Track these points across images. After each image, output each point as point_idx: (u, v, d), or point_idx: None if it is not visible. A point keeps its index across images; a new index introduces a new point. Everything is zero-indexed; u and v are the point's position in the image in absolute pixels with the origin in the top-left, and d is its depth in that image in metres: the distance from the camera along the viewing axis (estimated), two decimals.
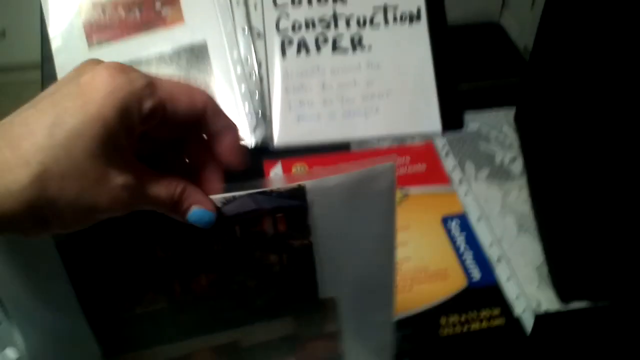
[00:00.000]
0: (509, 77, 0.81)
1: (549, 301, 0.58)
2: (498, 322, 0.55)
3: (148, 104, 0.27)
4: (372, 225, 0.35)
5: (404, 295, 0.57)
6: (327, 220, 0.34)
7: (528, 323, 0.55)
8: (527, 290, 0.58)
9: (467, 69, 0.80)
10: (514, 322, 0.55)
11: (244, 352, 0.37)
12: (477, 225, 0.63)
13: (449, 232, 0.63)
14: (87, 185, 0.25)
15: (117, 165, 0.26)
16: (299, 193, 0.32)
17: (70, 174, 0.24)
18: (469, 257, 0.60)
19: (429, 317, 0.55)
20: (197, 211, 0.30)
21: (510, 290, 0.58)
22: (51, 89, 0.26)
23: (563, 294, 0.58)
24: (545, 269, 0.60)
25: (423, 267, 0.59)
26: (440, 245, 0.61)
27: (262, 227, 0.33)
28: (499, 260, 0.60)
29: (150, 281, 0.34)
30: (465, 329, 0.55)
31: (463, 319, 0.55)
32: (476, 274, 0.59)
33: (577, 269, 0.58)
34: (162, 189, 0.28)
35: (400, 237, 0.62)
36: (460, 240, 0.62)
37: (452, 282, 0.58)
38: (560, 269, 0.59)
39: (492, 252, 0.61)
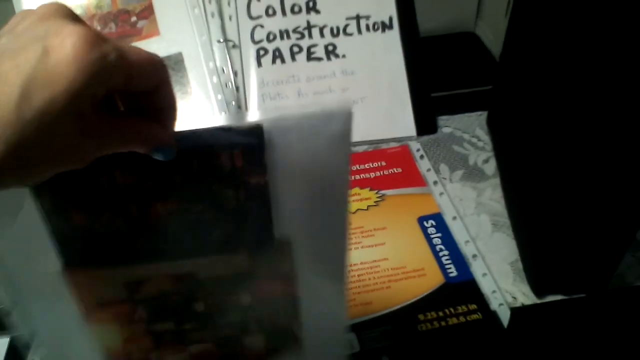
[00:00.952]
0: (484, 84, 0.84)
1: (524, 296, 0.59)
2: (475, 316, 0.56)
3: (117, 79, 0.26)
4: (327, 169, 0.35)
5: (382, 293, 0.58)
6: (284, 159, 0.34)
7: (504, 317, 0.56)
8: (503, 285, 0.59)
9: (443, 77, 0.83)
10: (491, 317, 0.56)
11: (200, 283, 0.38)
12: (453, 224, 0.65)
13: (425, 231, 0.64)
14: (56, 153, 0.26)
15: (85, 132, 0.26)
16: (256, 131, 0.33)
17: (40, 145, 0.25)
18: (445, 255, 0.61)
19: (408, 314, 0.56)
20: (159, 148, 0.30)
21: (486, 285, 0.59)
22: (11, 41, 0.25)
23: (537, 288, 0.59)
24: (519, 265, 0.61)
25: (401, 266, 0.60)
26: (417, 245, 0.62)
27: (219, 161, 0.34)
28: (474, 257, 0.62)
29: (108, 202, 0.34)
30: (443, 324, 0.55)
31: (441, 314, 0.56)
32: (453, 271, 0.60)
33: (550, 264, 0.59)
34: (127, 137, 0.29)
35: (378, 237, 0.63)
36: (437, 239, 0.63)
37: (430, 280, 0.59)
38: (534, 265, 0.60)
39: (467, 250, 0.62)
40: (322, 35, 0.75)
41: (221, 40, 0.72)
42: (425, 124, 0.75)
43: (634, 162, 0.48)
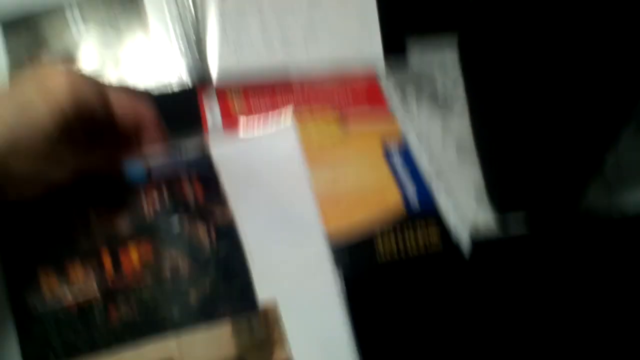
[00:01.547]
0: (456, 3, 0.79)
1: (487, 228, 0.57)
2: (436, 248, 0.55)
3: (95, 117, 0.32)
4: (287, 193, 0.36)
5: (341, 225, 0.56)
6: (241, 186, 0.35)
7: (467, 249, 0.55)
8: (466, 216, 0.58)
9: None
10: (453, 248, 0.55)
11: None
12: (418, 154, 0.62)
13: (389, 161, 0.61)
14: (44, 166, 0.30)
15: (70, 148, 0.31)
16: (206, 162, 0.35)
17: (30, 156, 0.29)
18: (409, 185, 0.59)
19: (367, 246, 0.55)
20: (130, 169, 0.34)
21: (449, 217, 0.57)
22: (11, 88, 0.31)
23: (499, 205, 0.58)
24: (484, 195, 0.60)
25: (362, 197, 0.58)
26: (380, 176, 0.60)
27: (183, 192, 0.34)
28: (438, 188, 0.60)
29: (79, 248, 0.33)
30: (403, 255, 0.54)
31: (401, 246, 0.55)
32: (415, 202, 0.58)
33: (512, 181, 0.58)
34: (104, 160, 0.34)
35: (340, 169, 0.61)
36: (401, 169, 0.61)
37: (391, 211, 0.57)
38: (496, 182, 0.59)
39: (432, 181, 0.60)
40: None
41: None
42: (393, 43, 0.71)
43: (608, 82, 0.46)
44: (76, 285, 0.32)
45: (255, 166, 0.35)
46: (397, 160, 0.61)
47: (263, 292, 0.34)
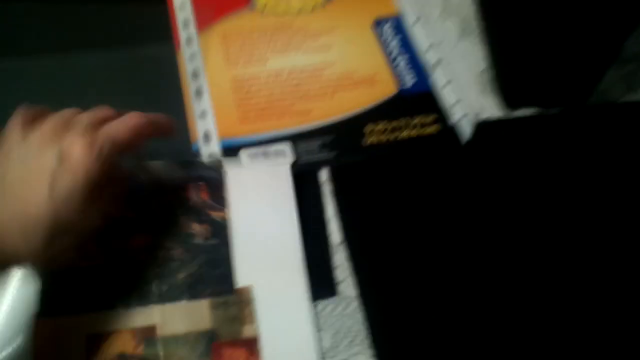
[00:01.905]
0: None
1: (490, 109, 0.50)
2: (431, 130, 0.48)
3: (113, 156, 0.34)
4: (276, 212, 0.42)
5: (325, 103, 0.49)
6: (240, 197, 0.42)
7: (465, 131, 0.48)
8: (467, 97, 0.51)
9: None
10: (449, 130, 0.48)
11: (160, 341, 0.38)
12: (414, 28, 0.55)
13: (380, 35, 0.54)
14: (79, 220, 0.33)
15: (97, 200, 0.33)
16: (217, 166, 0.43)
17: (70, 216, 0.32)
18: (402, 62, 0.52)
19: (352, 125, 0.48)
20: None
21: (447, 97, 0.50)
22: (29, 152, 0.33)
23: (508, 99, 0.51)
24: (488, 76, 0.52)
25: (348, 73, 0.51)
26: (369, 50, 0.53)
27: (188, 193, 0.42)
28: (436, 65, 0.52)
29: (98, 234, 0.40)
30: (392, 137, 0.47)
31: (391, 127, 0.48)
32: (409, 80, 0.51)
33: (524, 72, 0.51)
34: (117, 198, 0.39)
35: (324, 40, 0.53)
36: (393, 44, 0.53)
37: (381, 89, 0.50)
38: (506, 73, 0.51)
39: (429, 57, 0.53)
40: None
41: None
42: None
43: None
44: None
45: (256, 185, 0.43)
46: (389, 36, 0.54)
47: (241, 281, 0.40)
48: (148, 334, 0.38)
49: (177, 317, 0.39)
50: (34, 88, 0.49)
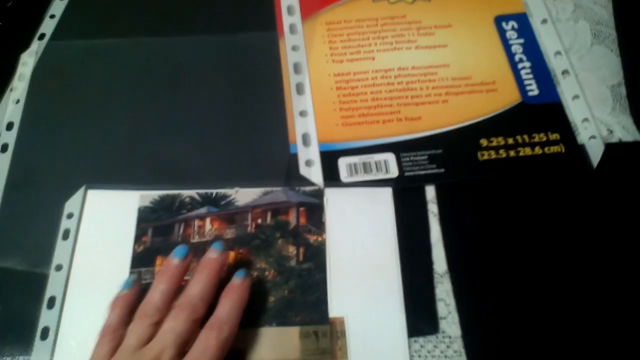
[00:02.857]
0: None
1: (623, 130, 0.44)
2: (556, 148, 0.42)
3: None
4: (375, 237, 0.39)
5: (436, 108, 0.44)
6: (339, 222, 0.40)
7: (595, 153, 0.42)
8: (598, 113, 0.45)
9: None
10: (577, 151, 0.42)
11: None
12: (541, 29, 0.49)
13: (503, 35, 0.48)
14: None
15: None
16: (318, 193, 0.41)
17: None
18: (525, 67, 0.46)
19: (467, 137, 0.43)
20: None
21: (575, 111, 0.45)
22: None
23: None
24: (622, 90, 0.46)
25: (465, 76, 0.46)
26: (490, 51, 0.47)
27: (287, 217, 0.40)
28: (564, 74, 0.46)
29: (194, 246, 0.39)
30: (512, 154, 0.42)
31: (511, 141, 0.43)
32: (533, 89, 0.45)
33: None
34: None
35: (439, 37, 0.48)
36: (517, 46, 0.47)
37: (501, 97, 0.45)
38: None
39: (556, 64, 0.47)
40: None
41: None
42: None
43: None
44: None
45: (357, 209, 0.40)
46: (513, 37, 0.48)
47: (334, 310, 0.37)
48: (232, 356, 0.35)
49: (265, 343, 0.36)
50: (132, 71, 0.47)
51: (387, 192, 0.40)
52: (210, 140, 0.43)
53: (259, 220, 0.40)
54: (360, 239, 0.39)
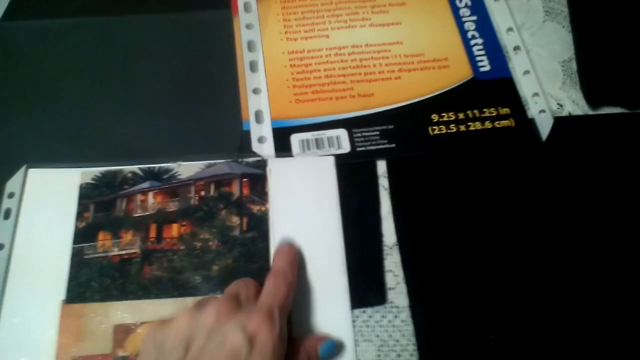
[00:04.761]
0: None
1: (573, 104, 0.45)
2: (505, 123, 0.43)
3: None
4: (318, 206, 0.39)
5: (389, 84, 0.45)
6: (282, 191, 0.40)
7: (544, 126, 0.43)
8: (548, 88, 0.46)
9: None
10: (526, 124, 0.43)
11: None
12: (494, 5, 0.49)
13: (456, 12, 0.49)
14: None
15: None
16: (261, 164, 0.41)
17: None
18: (478, 43, 0.47)
19: (418, 112, 0.43)
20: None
21: (526, 86, 0.45)
22: (213, 336, 0.30)
23: (592, 96, 0.45)
24: (573, 65, 0.47)
25: (418, 53, 0.46)
26: (443, 28, 0.48)
27: (231, 188, 0.40)
28: (516, 49, 0.47)
29: (134, 221, 0.39)
30: (463, 128, 0.43)
31: (462, 116, 0.43)
32: (485, 65, 0.46)
33: (613, 67, 0.45)
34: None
35: (393, 15, 0.48)
36: (470, 23, 0.48)
37: (453, 73, 0.45)
38: (593, 66, 0.45)
39: (508, 40, 0.48)
40: None
41: None
42: None
43: None
44: (123, 244, 0.38)
45: (300, 179, 0.40)
46: (466, 13, 0.49)
47: None
48: None
49: None
50: (85, 50, 0.46)
51: (329, 161, 0.41)
52: (161, 118, 0.43)
53: (202, 193, 0.40)
54: (303, 207, 0.39)
